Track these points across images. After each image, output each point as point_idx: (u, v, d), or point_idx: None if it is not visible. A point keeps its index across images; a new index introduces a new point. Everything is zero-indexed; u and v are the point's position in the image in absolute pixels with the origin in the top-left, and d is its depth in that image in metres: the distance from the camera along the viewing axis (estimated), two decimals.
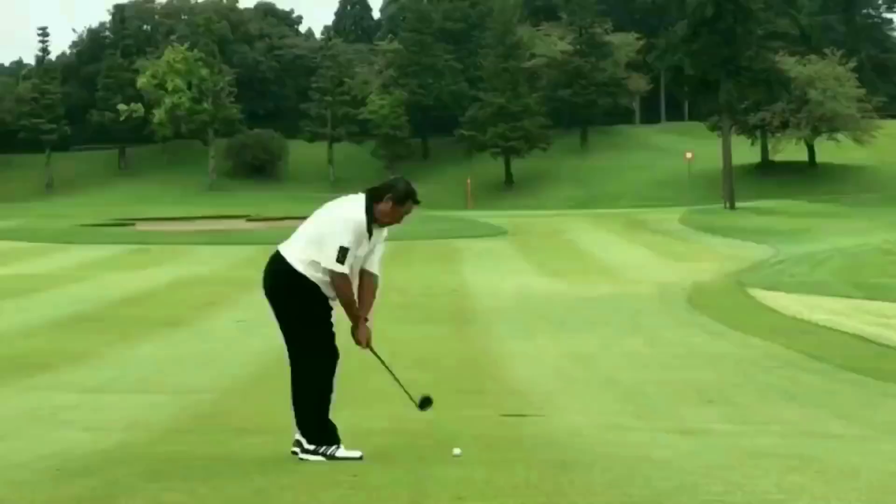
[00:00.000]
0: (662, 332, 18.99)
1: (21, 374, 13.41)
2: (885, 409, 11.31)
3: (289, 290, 8.13)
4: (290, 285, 8.12)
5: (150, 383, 12.79)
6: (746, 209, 71.65)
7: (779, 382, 13.11)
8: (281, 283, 8.16)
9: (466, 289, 28.85)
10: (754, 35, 77.63)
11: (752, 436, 9.53)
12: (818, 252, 39.82)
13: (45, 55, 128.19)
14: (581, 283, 31.22)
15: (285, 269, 8.12)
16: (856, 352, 15.85)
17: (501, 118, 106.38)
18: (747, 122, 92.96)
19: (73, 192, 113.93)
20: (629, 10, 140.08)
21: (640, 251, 44.35)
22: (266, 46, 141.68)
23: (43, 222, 69.28)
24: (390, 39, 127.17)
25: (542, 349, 16.48)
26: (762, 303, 24.30)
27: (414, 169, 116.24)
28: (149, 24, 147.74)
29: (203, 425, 9.97)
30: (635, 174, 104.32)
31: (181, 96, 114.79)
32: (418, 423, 9.55)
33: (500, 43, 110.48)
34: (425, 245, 47.48)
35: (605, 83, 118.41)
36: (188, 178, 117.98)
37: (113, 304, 23.73)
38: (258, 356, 15.14)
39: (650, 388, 12.58)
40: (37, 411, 10.73)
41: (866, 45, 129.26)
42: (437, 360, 14.78)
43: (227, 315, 21.55)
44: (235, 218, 73.16)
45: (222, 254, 44.26)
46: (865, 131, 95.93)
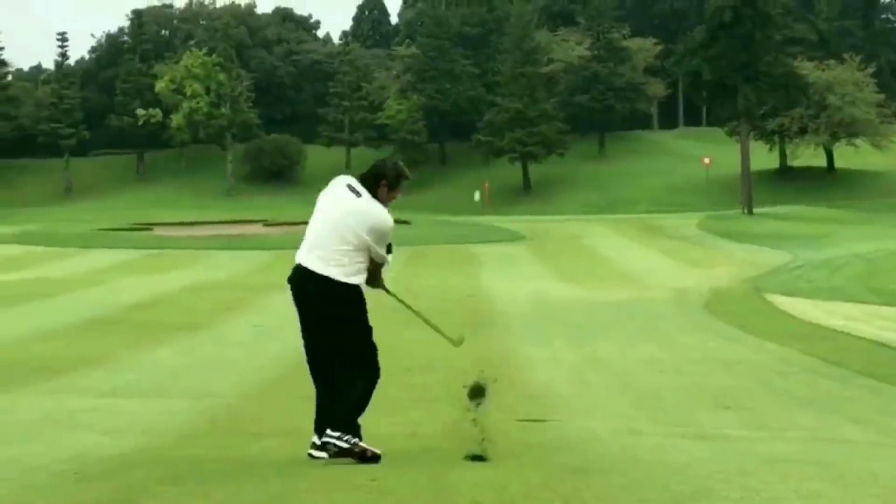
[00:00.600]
0: (679, 337, 18.97)
1: (39, 377, 13.45)
2: None
3: (346, 302, 8.25)
4: (339, 300, 8.23)
5: (167, 387, 12.83)
6: (764, 215, 71.50)
7: (796, 388, 13.08)
8: (331, 301, 8.23)
9: (483, 293, 28.86)
10: (773, 40, 77.47)
11: (768, 441, 9.51)
12: (836, 258, 39.72)
13: (64, 60, 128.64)
14: (598, 288, 31.19)
15: (333, 285, 8.19)
16: (873, 357, 15.81)
17: (519, 123, 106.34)
18: (765, 127, 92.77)
19: (91, 196, 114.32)
20: (647, 15, 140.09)
21: (657, 256, 44.29)
22: (284, 51, 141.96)
23: (61, 227, 69.50)
24: (408, 44, 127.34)
25: (558, 353, 16.48)
26: (779, 308, 24.25)
27: (431, 174, 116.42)
28: (167, 29, 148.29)
29: (220, 429, 10.00)
30: (653, 179, 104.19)
31: (199, 101, 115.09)
32: (435, 427, 9.60)
33: (517, 48, 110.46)
34: (442, 250, 47.53)
35: (622, 88, 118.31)
36: (206, 182, 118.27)
37: (130, 308, 23.79)
38: (275, 360, 15.17)
39: (666, 392, 12.57)
40: (54, 415, 10.77)
41: (885, 49, 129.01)
42: (452, 364, 14.77)
43: (244, 319, 21.59)
44: (253, 223, 73.31)
45: (239, 258, 44.36)
46: (884, 136, 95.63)
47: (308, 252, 8.27)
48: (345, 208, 8.24)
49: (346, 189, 8.34)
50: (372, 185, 8.35)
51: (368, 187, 8.34)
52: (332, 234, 8.22)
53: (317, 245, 8.24)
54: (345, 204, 8.27)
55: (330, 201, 8.34)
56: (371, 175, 8.41)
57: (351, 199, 8.29)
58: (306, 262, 8.25)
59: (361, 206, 8.26)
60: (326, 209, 8.32)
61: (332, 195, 8.37)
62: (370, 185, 8.35)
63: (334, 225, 8.23)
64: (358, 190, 8.33)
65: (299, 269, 8.31)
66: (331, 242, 8.21)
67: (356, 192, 8.31)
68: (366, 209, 8.27)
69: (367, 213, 8.26)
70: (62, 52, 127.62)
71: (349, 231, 8.19)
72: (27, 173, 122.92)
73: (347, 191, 8.33)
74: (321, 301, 8.23)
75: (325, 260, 8.19)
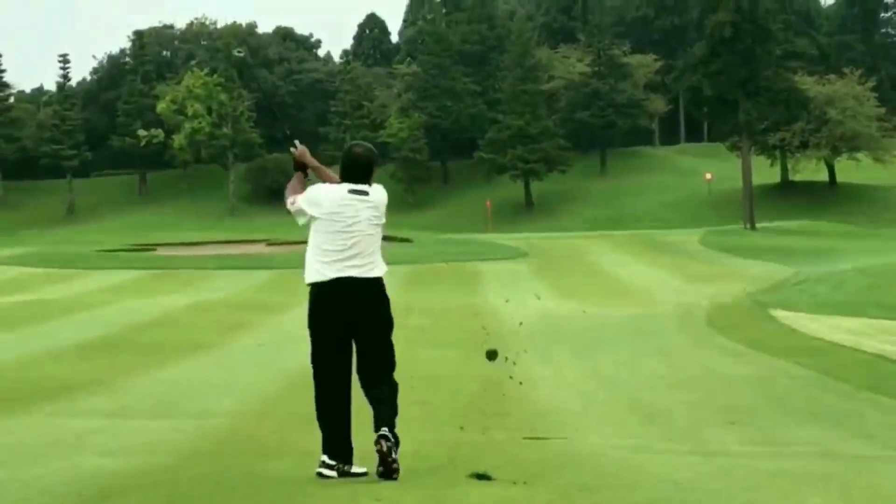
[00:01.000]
0: (683, 353, 18.97)
1: (43, 399, 13.46)
2: None
3: (386, 300, 8.54)
4: (385, 294, 8.55)
5: (172, 407, 12.82)
6: (767, 229, 71.52)
7: (800, 403, 13.08)
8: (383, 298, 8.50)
9: (487, 311, 28.84)
10: (773, 55, 77.60)
11: (774, 457, 9.52)
12: (839, 272, 39.69)
13: (65, 82, 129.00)
14: (601, 304, 31.20)
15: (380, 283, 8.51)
16: (877, 372, 15.79)
17: (520, 140, 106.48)
18: (767, 142, 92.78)
19: (94, 217, 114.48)
20: (647, 31, 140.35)
21: (660, 272, 44.28)
22: (285, 71, 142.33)
23: (65, 248, 69.56)
24: (409, 63, 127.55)
25: (563, 371, 16.48)
26: (783, 323, 24.23)
27: (433, 192, 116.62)
28: (168, 49, 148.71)
29: (225, 449, 10.00)
30: (655, 195, 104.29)
31: (201, 121, 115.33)
32: (441, 446, 9.60)
33: (518, 65, 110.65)
34: (445, 268, 47.51)
35: (623, 105, 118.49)
36: (208, 202, 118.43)
37: (134, 329, 23.80)
38: (279, 379, 15.17)
39: (672, 409, 12.57)
40: (59, 436, 10.77)
41: (885, 63, 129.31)
42: (458, 382, 14.79)
43: (248, 339, 21.61)
44: (255, 242, 73.38)
45: (243, 278, 44.38)
46: (886, 151, 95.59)
47: (342, 264, 8.32)
48: (367, 212, 8.46)
49: (355, 195, 8.45)
50: (371, 176, 8.64)
51: (367, 180, 8.60)
52: (365, 240, 8.41)
53: (350, 255, 8.35)
54: (364, 209, 8.46)
55: (343, 209, 8.42)
56: (367, 167, 8.68)
57: (364, 200, 8.48)
58: (347, 273, 8.31)
59: (377, 200, 8.58)
60: (346, 220, 8.39)
61: (340, 204, 8.44)
62: (368, 176, 8.62)
63: (364, 232, 8.41)
64: (362, 189, 8.52)
65: (340, 281, 8.30)
66: (367, 248, 8.41)
67: (363, 192, 8.51)
68: (378, 199, 8.60)
69: (380, 202, 8.61)
70: (64, 73, 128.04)
71: (374, 228, 8.48)
72: (30, 195, 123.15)
73: (357, 196, 8.47)
74: (374, 305, 8.39)
75: (367, 266, 8.39)
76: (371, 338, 8.36)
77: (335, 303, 8.31)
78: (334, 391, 8.37)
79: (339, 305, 8.30)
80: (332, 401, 8.39)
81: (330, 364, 8.37)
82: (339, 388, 8.37)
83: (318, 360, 8.42)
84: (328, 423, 8.40)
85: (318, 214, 8.44)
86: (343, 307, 8.29)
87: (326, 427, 8.41)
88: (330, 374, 8.38)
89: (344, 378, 8.40)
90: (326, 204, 8.45)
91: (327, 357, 8.37)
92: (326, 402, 8.42)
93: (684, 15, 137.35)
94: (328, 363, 8.38)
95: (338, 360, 8.38)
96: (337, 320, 8.30)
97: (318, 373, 8.45)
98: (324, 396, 8.43)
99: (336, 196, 8.48)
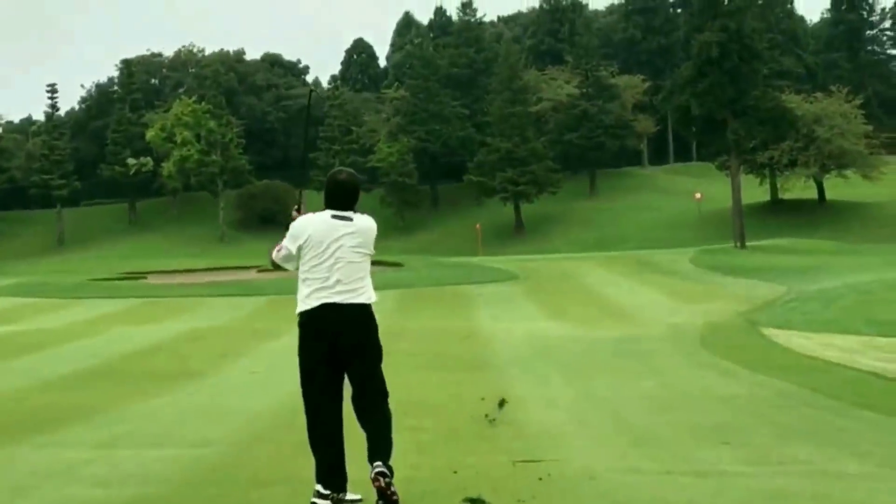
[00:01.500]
0: (675, 374, 18.95)
1: (35, 430, 13.41)
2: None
3: (375, 327, 8.52)
4: (374, 321, 8.55)
5: (165, 437, 12.78)
6: (757, 248, 71.59)
7: (794, 421, 13.06)
8: (371, 325, 8.48)
9: (478, 334, 28.81)
10: (760, 74, 77.84)
11: (768, 476, 9.51)
12: (830, 289, 39.71)
13: (54, 111, 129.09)
14: (593, 325, 31.18)
15: (368, 310, 8.49)
16: (870, 389, 15.79)
17: (509, 163, 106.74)
18: (755, 160, 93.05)
19: (84, 246, 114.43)
20: (634, 52, 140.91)
21: (651, 292, 44.28)
22: (273, 97, 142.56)
23: (55, 277, 69.44)
24: (397, 87, 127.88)
25: (555, 393, 16.45)
26: (775, 341, 24.23)
27: (423, 216, 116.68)
28: (156, 77, 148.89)
29: (218, 478, 9.96)
30: (645, 216, 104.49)
31: (190, 149, 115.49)
32: (434, 470, 9.57)
33: (506, 88, 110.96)
34: (435, 291, 47.51)
35: (612, 125, 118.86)
36: (198, 230, 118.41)
37: (125, 358, 23.73)
38: (272, 407, 15.12)
39: (665, 430, 12.55)
40: (51, 467, 10.73)
41: (872, 81, 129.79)
42: (451, 406, 14.76)
43: (240, 366, 21.54)
44: (246, 269, 73.24)
45: (234, 305, 44.29)
46: (874, 168, 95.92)
47: (328, 291, 8.30)
48: (350, 239, 8.44)
49: (337, 220, 8.42)
50: (356, 202, 8.63)
51: (352, 206, 8.59)
52: (348, 267, 8.37)
53: (336, 281, 8.32)
54: (347, 235, 8.45)
55: (326, 237, 8.42)
56: (351, 193, 8.65)
57: (347, 226, 8.46)
58: (333, 299, 8.30)
59: (362, 226, 8.58)
60: (330, 247, 8.39)
61: (324, 231, 8.42)
62: (355, 202, 8.62)
63: (346, 258, 8.38)
64: (345, 216, 8.49)
65: (327, 307, 8.30)
66: (352, 275, 8.36)
67: (347, 219, 8.48)
68: (364, 227, 8.58)
69: (367, 229, 8.60)
70: (52, 103, 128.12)
71: (359, 256, 8.43)
72: (19, 225, 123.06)
73: (340, 221, 8.42)
74: (361, 332, 8.33)
75: (354, 292, 8.34)
76: (360, 366, 8.31)
77: (321, 330, 8.28)
78: (325, 420, 8.34)
79: (325, 333, 8.28)
80: (323, 430, 8.36)
81: (319, 393, 8.35)
82: (329, 417, 8.34)
83: (308, 389, 8.41)
84: (321, 452, 8.37)
85: (302, 243, 8.44)
86: (329, 334, 8.26)
87: (319, 456, 8.38)
88: (320, 403, 8.36)
89: (334, 407, 8.36)
90: (310, 229, 8.46)
91: (316, 386, 8.35)
92: (317, 431, 8.39)
93: (671, 35, 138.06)
94: (317, 392, 8.36)
95: (327, 390, 8.35)
96: (324, 348, 8.27)
97: (308, 402, 8.43)
98: (315, 425, 8.40)
99: (318, 221, 8.49)
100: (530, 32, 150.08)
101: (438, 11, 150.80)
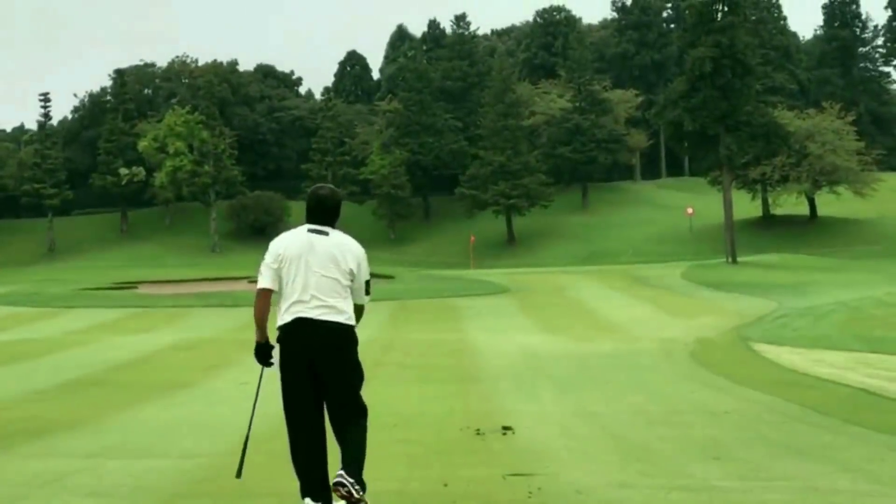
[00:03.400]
0: (666, 388, 18.96)
1: (24, 439, 13.37)
2: (892, 462, 11.26)
3: (352, 348, 8.33)
4: (352, 342, 8.33)
5: (154, 447, 12.75)
6: (748, 263, 71.69)
7: (784, 437, 13.07)
8: (346, 346, 8.30)
9: (469, 347, 28.80)
10: (753, 90, 78.02)
11: (759, 492, 9.50)
12: (820, 305, 39.79)
13: (46, 120, 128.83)
14: (584, 339, 31.19)
15: (345, 331, 8.28)
16: (860, 405, 15.81)
17: (502, 176, 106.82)
18: (748, 176, 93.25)
19: (75, 256, 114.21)
20: (627, 66, 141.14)
21: (642, 307, 44.30)
22: (266, 108, 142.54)
23: (45, 287, 69.30)
24: (390, 99, 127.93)
25: (546, 407, 16.44)
26: (765, 357, 24.26)
27: (415, 228, 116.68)
28: (149, 87, 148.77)
29: (207, 489, 9.94)
30: (636, 230, 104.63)
31: (182, 159, 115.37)
32: (425, 483, 9.56)
33: (499, 101, 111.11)
34: (427, 304, 47.50)
35: (604, 140, 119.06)
36: (190, 240, 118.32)
37: (116, 368, 23.69)
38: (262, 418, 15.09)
39: (656, 444, 12.55)
40: (41, 477, 10.69)
41: (864, 97, 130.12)
42: (442, 419, 14.74)
43: (230, 377, 21.50)
44: (237, 279, 73.11)
45: (225, 316, 44.21)
46: (866, 184, 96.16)
47: (303, 305, 8.21)
48: (326, 252, 8.26)
49: (313, 234, 8.34)
50: (335, 218, 8.48)
51: (331, 222, 8.44)
52: (323, 282, 8.20)
53: (311, 296, 8.19)
54: (322, 248, 8.28)
55: (302, 252, 8.30)
56: (335, 207, 8.51)
57: (323, 240, 8.30)
58: (307, 314, 8.19)
59: (338, 242, 8.34)
60: (305, 261, 8.26)
61: (300, 245, 8.34)
62: (334, 218, 8.47)
63: (321, 273, 8.21)
64: (323, 230, 8.35)
65: (301, 322, 8.21)
66: (328, 289, 8.21)
67: (323, 233, 8.34)
68: (342, 241, 8.36)
69: (345, 245, 8.36)
70: (45, 112, 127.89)
71: (338, 272, 8.23)
72: (10, 234, 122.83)
73: (315, 235, 8.33)
74: (333, 349, 8.20)
75: (330, 309, 8.19)
76: (333, 383, 8.25)
77: (294, 345, 8.24)
78: (304, 435, 8.31)
79: (298, 348, 8.23)
80: (303, 444, 8.33)
81: (297, 408, 8.33)
82: (309, 431, 8.29)
83: (287, 404, 8.40)
84: (302, 467, 8.35)
85: (282, 259, 8.35)
86: (303, 350, 8.21)
87: (301, 470, 8.35)
88: (298, 417, 8.33)
89: (313, 422, 8.31)
90: (286, 243, 8.39)
91: (294, 401, 8.33)
92: (298, 445, 8.37)
93: (664, 50, 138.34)
94: (295, 407, 8.34)
95: (304, 404, 8.30)
96: (298, 363, 8.24)
97: (288, 416, 8.42)
98: (295, 440, 8.38)
99: (293, 237, 8.42)
100: (523, 46, 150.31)
101: (432, 24, 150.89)
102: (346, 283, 8.28)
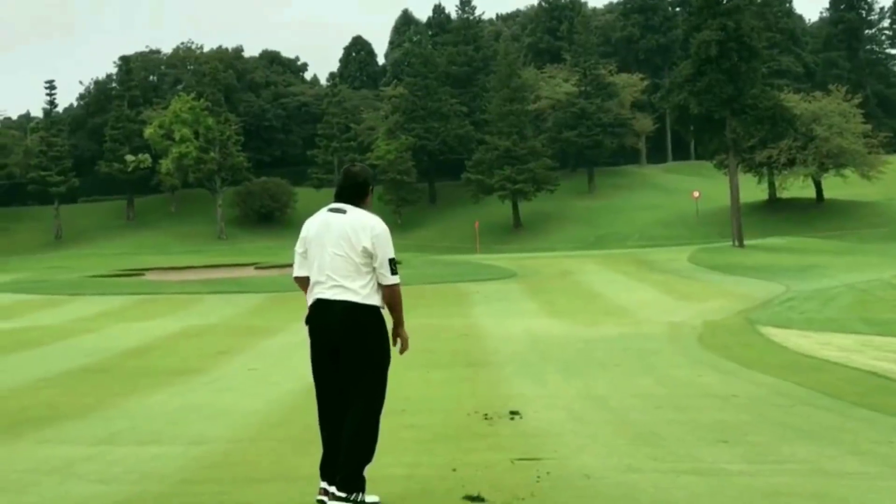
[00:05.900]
0: (674, 372, 18.93)
1: (33, 426, 13.40)
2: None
3: (367, 329, 8.13)
4: (367, 323, 8.14)
5: (162, 434, 12.76)
6: (755, 247, 71.60)
7: (793, 420, 13.05)
8: (358, 327, 8.12)
9: (476, 332, 28.79)
10: (759, 73, 77.72)
11: (767, 475, 9.49)
12: (828, 288, 39.75)
13: (52, 108, 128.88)
14: (591, 323, 31.16)
15: (358, 310, 8.11)
16: (869, 388, 15.77)
17: (508, 161, 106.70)
18: (754, 159, 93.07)
19: (81, 243, 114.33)
20: (633, 50, 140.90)
21: (649, 291, 44.26)
22: (272, 94, 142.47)
23: (52, 274, 69.39)
24: (395, 85, 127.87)
25: (554, 391, 16.43)
26: (773, 340, 24.22)
27: (421, 213, 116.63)
28: (155, 74, 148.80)
29: (216, 475, 9.94)
30: (643, 214, 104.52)
31: (188, 146, 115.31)
32: (433, 468, 9.56)
33: (504, 86, 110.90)
34: (433, 289, 47.46)
35: (610, 124, 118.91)
36: (196, 226, 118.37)
37: (123, 355, 23.72)
38: (270, 404, 15.11)
39: (663, 428, 12.53)
40: (50, 464, 10.72)
41: (871, 80, 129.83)
42: (449, 404, 14.74)
43: (238, 363, 21.52)
44: (244, 266, 73.29)
45: (232, 302, 44.26)
46: (872, 167, 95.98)
47: (321, 286, 8.17)
48: (339, 230, 8.17)
49: (331, 213, 8.29)
50: (358, 197, 8.35)
51: (354, 200, 8.32)
52: (338, 261, 8.13)
53: (327, 277, 8.15)
54: (337, 226, 8.20)
55: (320, 232, 8.27)
56: (357, 185, 8.37)
57: (338, 219, 8.23)
58: (324, 295, 8.15)
59: (353, 219, 8.21)
60: (321, 241, 8.23)
61: (318, 226, 8.32)
62: (356, 197, 8.34)
63: (337, 251, 8.15)
64: (341, 208, 8.28)
65: (319, 303, 8.18)
66: (342, 269, 8.13)
67: (341, 211, 8.26)
68: (357, 218, 8.21)
69: (360, 222, 8.20)
70: (50, 99, 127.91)
71: (351, 250, 8.12)
72: (17, 221, 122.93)
73: (332, 214, 8.28)
74: (346, 329, 8.08)
75: (345, 289, 8.10)
76: (344, 362, 8.20)
77: (315, 326, 8.24)
78: (327, 412, 8.31)
79: (318, 329, 8.22)
80: (325, 421, 8.33)
81: (319, 386, 8.33)
82: (331, 410, 8.28)
83: (315, 382, 8.38)
84: (323, 441, 8.35)
85: (306, 242, 8.35)
86: (322, 331, 8.18)
87: (323, 443, 8.36)
88: (321, 397, 8.34)
89: (336, 401, 8.29)
90: (308, 226, 8.39)
91: (317, 380, 8.33)
92: (322, 420, 8.37)
93: (669, 34, 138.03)
94: (318, 386, 8.34)
95: (326, 384, 8.29)
96: (320, 344, 8.22)
97: (317, 393, 8.40)
98: (320, 414, 8.39)
99: (316, 217, 8.41)
100: (529, 30, 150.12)
101: (437, 9, 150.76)
102: (361, 261, 8.11)
